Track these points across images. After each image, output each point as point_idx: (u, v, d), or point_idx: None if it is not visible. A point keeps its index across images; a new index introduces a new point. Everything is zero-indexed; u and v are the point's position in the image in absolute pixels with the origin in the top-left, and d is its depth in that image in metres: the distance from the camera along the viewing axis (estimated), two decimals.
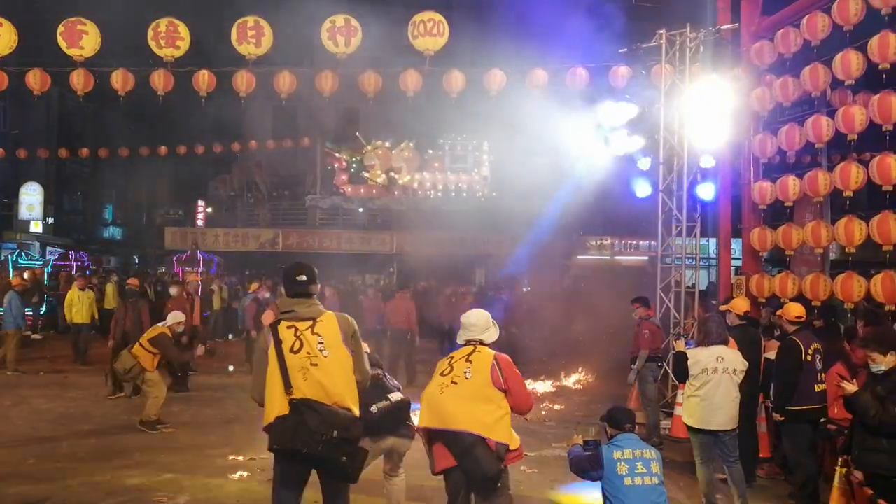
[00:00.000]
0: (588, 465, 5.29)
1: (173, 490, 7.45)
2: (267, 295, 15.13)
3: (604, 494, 5.23)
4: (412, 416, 5.94)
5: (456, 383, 5.08)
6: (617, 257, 30.17)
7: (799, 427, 7.31)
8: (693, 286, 12.36)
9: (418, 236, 28.69)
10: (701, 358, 7.05)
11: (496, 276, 24.18)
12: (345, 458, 4.51)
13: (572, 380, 14.58)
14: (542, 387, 13.74)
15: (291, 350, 4.58)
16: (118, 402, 11.44)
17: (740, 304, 8.56)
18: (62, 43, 12.02)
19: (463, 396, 5.03)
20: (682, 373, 7.21)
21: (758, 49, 10.73)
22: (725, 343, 7.21)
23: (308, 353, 4.56)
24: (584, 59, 12.99)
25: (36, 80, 13.02)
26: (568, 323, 17.66)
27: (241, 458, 8.63)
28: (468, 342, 5.30)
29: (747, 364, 7.17)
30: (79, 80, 12.80)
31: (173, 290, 14.22)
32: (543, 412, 11.66)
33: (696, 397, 7.01)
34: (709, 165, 11.86)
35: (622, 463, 5.16)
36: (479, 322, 5.33)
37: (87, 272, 23.56)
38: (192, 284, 15.65)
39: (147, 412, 9.98)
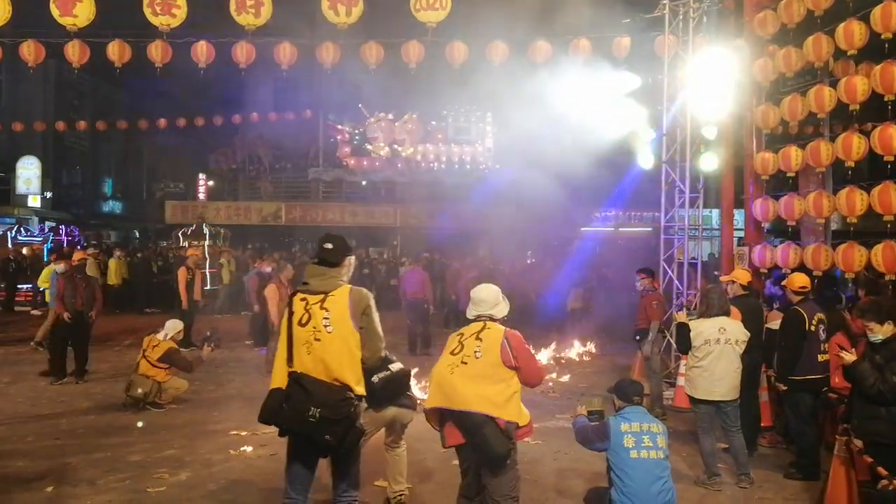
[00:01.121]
0: (594, 436, 5.33)
1: (175, 466, 7.50)
2: (268, 269, 15.10)
3: (609, 466, 5.28)
4: (414, 386, 6.00)
5: (466, 363, 5.00)
6: (621, 229, 30.16)
7: (801, 396, 7.35)
8: (696, 257, 12.36)
9: (422, 209, 28.70)
10: (703, 329, 7.11)
11: (500, 248, 24.20)
12: (328, 436, 4.47)
13: (576, 351, 14.63)
14: (545, 358, 13.79)
15: (299, 323, 4.62)
16: (117, 380, 11.31)
17: (742, 275, 8.59)
18: (55, 11, 11.67)
19: (473, 376, 4.97)
20: (684, 344, 7.24)
21: (761, 19, 10.62)
22: (727, 314, 7.24)
23: (314, 327, 4.57)
24: (587, 30, 12.87)
25: (30, 51, 12.84)
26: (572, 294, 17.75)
27: (243, 433, 8.67)
28: (478, 318, 5.20)
29: (749, 335, 7.21)
30: (74, 52, 12.60)
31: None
32: (550, 384, 11.70)
33: (698, 368, 7.08)
34: (712, 136, 11.79)
35: (629, 436, 5.20)
36: (488, 297, 5.23)
37: (78, 248, 23.50)
38: (192, 258, 15.57)
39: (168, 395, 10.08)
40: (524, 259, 22.88)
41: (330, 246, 4.78)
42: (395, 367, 5.78)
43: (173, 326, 10.45)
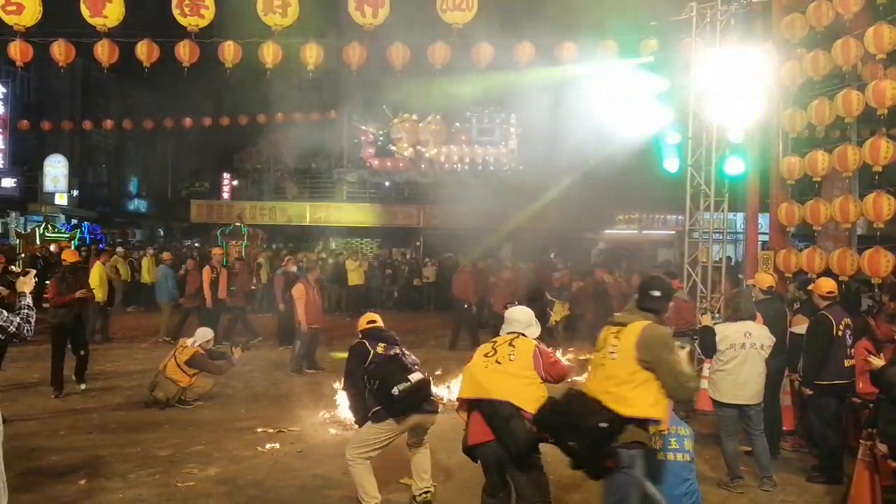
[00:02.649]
0: None
1: (203, 462, 7.61)
2: (294, 269, 15.20)
3: None
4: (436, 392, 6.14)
5: (500, 363, 5.24)
6: (644, 231, 30.05)
7: (826, 401, 7.34)
8: (720, 261, 12.34)
9: (445, 210, 28.76)
10: (729, 333, 7.10)
11: (523, 250, 24.20)
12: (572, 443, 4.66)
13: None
14: (566, 360, 13.79)
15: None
16: (145, 375, 11.33)
17: (764, 279, 8.57)
18: (85, 11, 11.81)
19: (506, 373, 5.19)
20: (709, 347, 7.23)
21: (789, 22, 10.58)
22: (753, 318, 7.24)
23: (602, 353, 4.78)
24: (614, 32, 12.88)
25: (60, 51, 12.99)
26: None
27: (270, 430, 8.78)
28: (510, 333, 5.48)
29: (774, 339, 7.20)
30: (103, 52, 12.76)
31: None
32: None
33: (722, 371, 7.08)
34: (737, 140, 11.77)
35: (656, 437, 5.22)
36: (522, 318, 5.54)
37: (101, 246, 23.70)
38: (217, 257, 15.75)
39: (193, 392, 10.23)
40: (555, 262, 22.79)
41: (657, 294, 4.81)
42: (415, 377, 5.96)
43: (203, 334, 10.60)
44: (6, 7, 11.50)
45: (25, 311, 4.98)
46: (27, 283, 5.15)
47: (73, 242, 24.54)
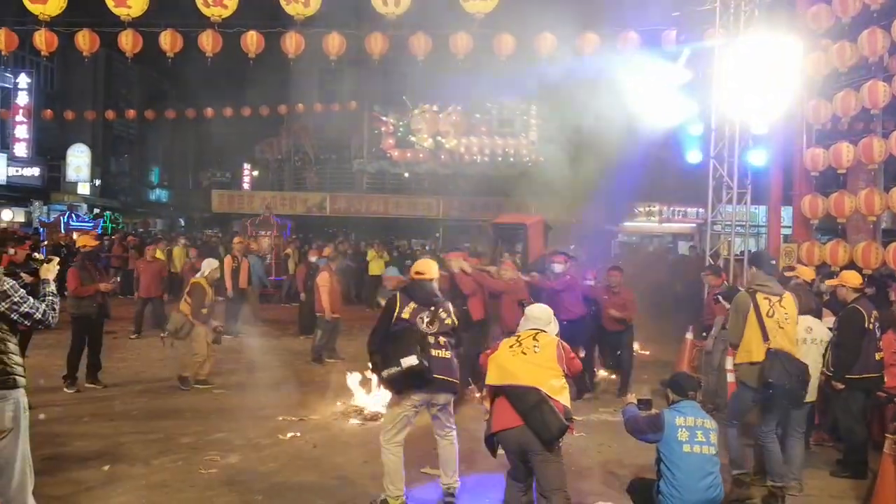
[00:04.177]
0: (646, 427, 5.34)
1: (225, 449, 7.67)
2: (313, 259, 15.24)
3: (658, 457, 5.30)
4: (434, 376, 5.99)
5: (525, 353, 5.38)
6: (665, 224, 29.88)
7: (855, 395, 7.28)
8: (742, 253, 12.26)
9: (465, 201, 28.72)
10: None
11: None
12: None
13: None
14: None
15: (767, 315, 6.45)
16: (166, 363, 11.56)
17: (808, 272, 8.48)
18: (109, 1, 11.90)
19: (531, 363, 5.33)
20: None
21: (814, 13, 10.49)
22: (811, 312, 7.13)
23: (777, 319, 6.42)
24: (636, 23, 12.80)
25: (85, 40, 13.08)
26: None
27: (291, 418, 8.85)
28: (531, 329, 5.60)
29: (830, 334, 7.11)
30: (127, 41, 12.82)
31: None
32: (595, 379, 11.69)
33: None
34: (761, 132, 11.68)
35: (683, 429, 5.21)
36: (542, 316, 5.71)
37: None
38: (238, 247, 15.80)
39: (183, 368, 10.43)
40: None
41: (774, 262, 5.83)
42: (407, 362, 5.83)
43: (208, 264, 10.93)
44: None
45: (50, 297, 4.97)
46: (51, 270, 5.14)
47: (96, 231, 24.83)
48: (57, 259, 5.31)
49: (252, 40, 13.10)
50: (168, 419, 8.75)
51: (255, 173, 39.18)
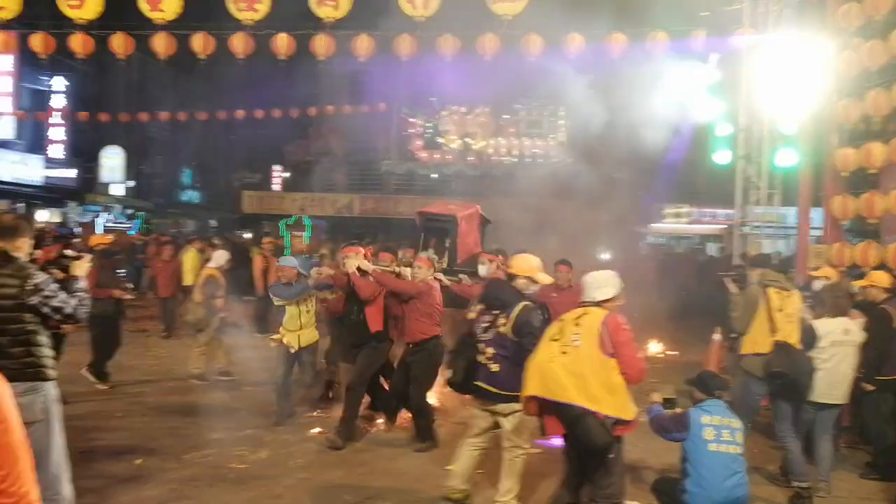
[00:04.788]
0: (672, 426, 5.34)
1: (254, 445, 7.79)
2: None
3: (683, 456, 5.30)
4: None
5: (565, 353, 5.04)
6: (693, 225, 29.70)
7: (884, 396, 7.25)
8: (770, 255, 12.17)
9: (493, 202, 28.70)
10: (830, 329, 6.87)
11: (569, 243, 24.06)
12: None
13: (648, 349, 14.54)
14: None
15: (777, 309, 6.69)
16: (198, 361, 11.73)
17: (830, 272, 8.46)
18: (144, 6, 12.08)
19: (572, 369, 4.99)
20: (810, 345, 6.91)
21: (845, 11, 10.37)
22: (846, 314, 7.09)
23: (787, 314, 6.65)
24: (665, 23, 12.75)
25: (119, 43, 13.26)
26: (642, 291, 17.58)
27: (314, 413, 9.01)
28: (582, 304, 5.31)
29: (865, 335, 7.06)
30: (161, 44, 12.98)
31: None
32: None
33: (821, 370, 6.76)
34: (790, 132, 11.59)
35: (709, 428, 5.21)
36: (593, 280, 5.37)
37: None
38: (269, 247, 15.97)
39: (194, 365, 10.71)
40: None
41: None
42: (448, 374, 6.04)
43: (220, 256, 11.20)
44: (69, 1, 11.83)
45: (81, 293, 5.01)
46: (82, 267, 5.19)
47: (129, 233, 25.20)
48: (89, 256, 5.39)
49: (283, 42, 13.21)
50: (198, 415, 8.88)
51: (285, 175, 39.44)
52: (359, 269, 7.88)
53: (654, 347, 14.60)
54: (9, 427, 2.07)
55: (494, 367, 5.81)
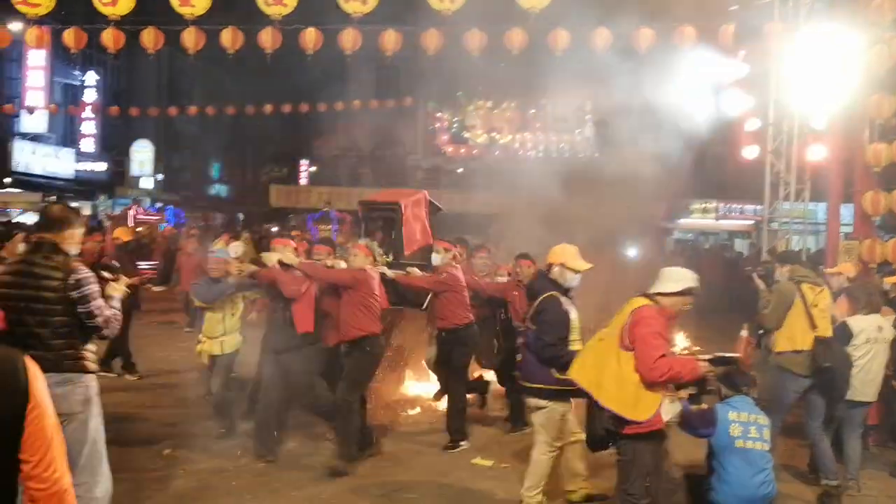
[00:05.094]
0: (698, 422, 5.26)
1: (284, 437, 7.71)
2: None
3: (710, 453, 5.27)
4: None
5: (602, 339, 5.04)
6: (721, 221, 29.45)
7: None
8: (800, 251, 12.05)
9: (519, 198, 28.63)
10: (864, 326, 6.78)
11: (597, 239, 23.95)
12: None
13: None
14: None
15: (812, 304, 6.67)
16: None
17: (848, 268, 8.39)
18: (174, 1, 12.20)
19: (597, 356, 4.99)
20: (843, 341, 6.80)
21: (878, 4, 10.21)
22: (878, 311, 7.01)
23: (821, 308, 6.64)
24: (692, 17, 12.65)
25: (150, 38, 13.40)
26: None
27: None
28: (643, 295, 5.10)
29: None
30: (190, 39, 13.09)
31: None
32: None
33: (854, 367, 6.66)
34: (821, 127, 11.45)
35: (736, 424, 5.15)
36: (661, 273, 5.13)
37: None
38: (296, 241, 16.03)
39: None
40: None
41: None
42: None
43: (237, 247, 10.66)
44: None
45: (115, 310, 4.90)
46: (118, 289, 5.05)
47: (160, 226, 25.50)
48: (126, 280, 5.25)
49: (310, 37, 13.26)
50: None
51: (313, 169, 39.67)
52: (280, 262, 7.15)
53: (681, 344, 14.51)
54: (42, 413, 2.11)
55: (519, 357, 6.01)
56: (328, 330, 7.37)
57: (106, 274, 5.18)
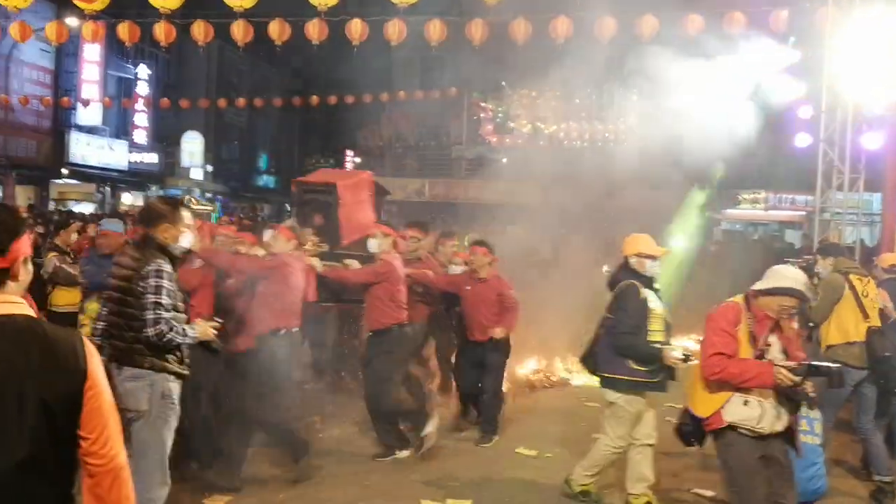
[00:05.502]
0: None
1: (330, 423, 7.90)
2: None
3: None
4: None
5: None
6: (771, 212, 28.94)
7: None
8: (854, 243, 11.80)
9: (564, 187, 28.49)
10: None
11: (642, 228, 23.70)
12: None
13: None
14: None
15: (863, 295, 6.55)
16: None
17: (888, 258, 8.21)
18: None
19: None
20: None
21: None
22: None
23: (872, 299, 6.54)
24: (742, 3, 12.42)
25: (200, 31, 13.62)
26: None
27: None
28: None
29: None
30: (239, 31, 13.29)
31: None
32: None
33: None
34: (876, 114, 11.18)
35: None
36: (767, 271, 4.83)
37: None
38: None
39: None
40: None
41: None
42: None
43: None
44: None
45: (177, 328, 4.48)
46: (203, 330, 4.70)
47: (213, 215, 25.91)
48: (217, 324, 4.84)
49: (356, 28, 13.34)
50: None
51: (358, 160, 39.92)
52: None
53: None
54: (98, 392, 2.20)
55: (597, 348, 5.89)
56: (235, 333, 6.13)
57: (217, 320, 4.88)
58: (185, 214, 4.70)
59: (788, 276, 4.59)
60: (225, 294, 6.38)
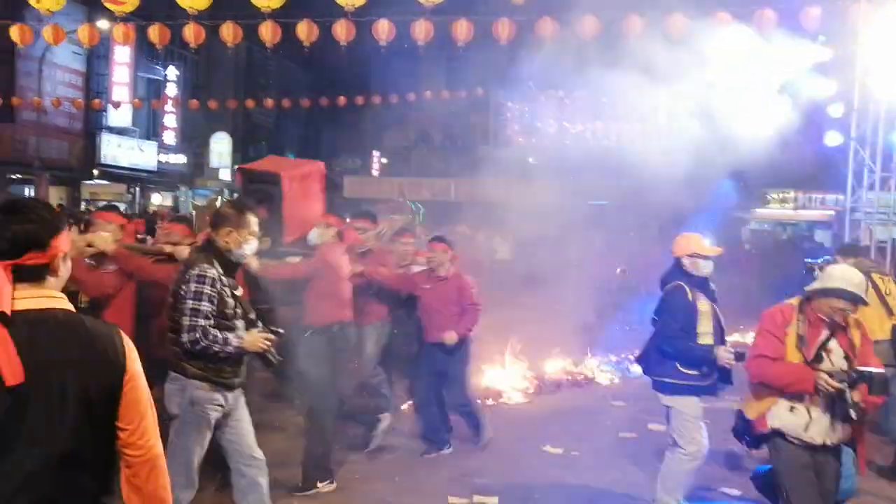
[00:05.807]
0: None
1: (355, 424, 7.83)
2: None
3: None
4: None
5: None
6: (800, 211, 28.63)
7: None
8: (884, 242, 11.66)
9: (592, 186, 28.43)
10: None
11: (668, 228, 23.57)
12: None
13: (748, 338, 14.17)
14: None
15: (886, 293, 6.89)
16: None
17: None
18: None
19: None
20: None
21: None
22: None
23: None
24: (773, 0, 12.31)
25: (229, 32, 13.74)
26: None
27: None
28: None
29: None
30: (267, 32, 13.38)
31: None
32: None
33: None
34: None
35: None
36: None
37: None
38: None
39: None
40: None
41: None
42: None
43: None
44: None
45: (218, 345, 4.34)
46: (256, 343, 4.50)
47: None
48: (263, 338, 4.56)
49: (383, 28, 13.40)
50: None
51: (384, 160, 40.07)
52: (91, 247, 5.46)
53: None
54: (136, 384, 2.26)
55: (648, 349, 5.78)
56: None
57: (273, 330, 4.65)
58: (252, 220, 4.57)
59: (839, 276, 4.38)
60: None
